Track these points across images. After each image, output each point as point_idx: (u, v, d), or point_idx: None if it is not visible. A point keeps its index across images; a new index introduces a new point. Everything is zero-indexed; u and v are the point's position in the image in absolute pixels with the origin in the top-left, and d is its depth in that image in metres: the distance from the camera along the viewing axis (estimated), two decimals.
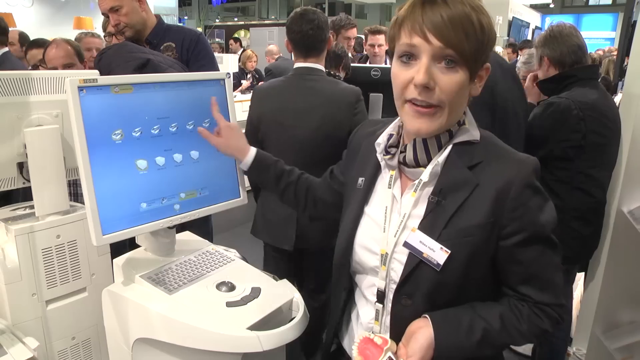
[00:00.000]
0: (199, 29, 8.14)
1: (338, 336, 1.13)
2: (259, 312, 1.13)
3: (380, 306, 0.98)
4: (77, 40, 2.98)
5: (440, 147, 0.93)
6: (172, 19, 11.78)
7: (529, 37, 10.06)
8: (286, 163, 1.30)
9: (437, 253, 0.88)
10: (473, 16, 0.84)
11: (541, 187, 0.91)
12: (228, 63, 6.51)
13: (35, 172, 1.40)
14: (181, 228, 1.39)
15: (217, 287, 1.20)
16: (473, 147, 0.93)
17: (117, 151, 1.16)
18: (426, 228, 0.90)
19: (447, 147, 0.92)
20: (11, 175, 1.43)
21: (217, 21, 23.77)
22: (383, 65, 3.43)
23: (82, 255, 1.49)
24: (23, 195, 1.67)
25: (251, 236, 2.16)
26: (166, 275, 1.24)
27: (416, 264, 0.90)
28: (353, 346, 0.94)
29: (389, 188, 0.98)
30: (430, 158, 0.93)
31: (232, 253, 1.39)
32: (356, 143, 1.13)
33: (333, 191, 1.20)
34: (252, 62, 7.11)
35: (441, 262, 0.88)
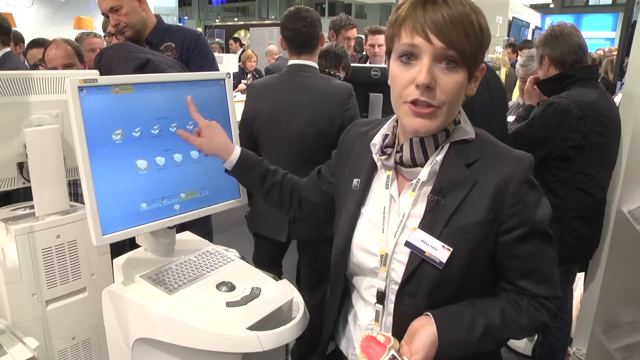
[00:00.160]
0: (199, 29, 8.15)
1: (335, 338, 1.13)
2: (259, 312, 1.13)
3: (380, 307, 0.97)
4: (79, 40, 2.97)
5: (437, 146, 0.93)
6: (172, 19, 11.78)
7: (529, 37, 10.04)
8: (280, 157, 1.29)
9: (439, 251, 0.88)
10: (473, 17, 0.84)
11: (537, 182, 0.92)
12: (228, 63, 6.50)
13: (35, 172, 1.40)
14: (181, 228, 1.39)
15: (217, 287, 1.20)
16: (469, 145, 0.93)
17: (117, 151, 1.16)
18: (427, 227, 0.90)
19: (445, 146, 0.93)
20: (11, 175, 1.43)
21: (217, 21, 23.77)
22: (383, 65, 3.41)
23: (82, 255, 1.49)
24: (23, 195, 1.67)
25: (251, 236, 2.16)
26: (166, 275, 1.24)
27: (418, 264, 0.90)
28: (356, 344, 0.93)
29: (386, 188, 0.98)
30: (427, 157, 0.93)
31: (232, 253, 1.39)
32: (348, 143, 1.11)
33: (321, 192, 1.18)
34: (252, 62, 7.10)
35: (444, 261, 0.88)
